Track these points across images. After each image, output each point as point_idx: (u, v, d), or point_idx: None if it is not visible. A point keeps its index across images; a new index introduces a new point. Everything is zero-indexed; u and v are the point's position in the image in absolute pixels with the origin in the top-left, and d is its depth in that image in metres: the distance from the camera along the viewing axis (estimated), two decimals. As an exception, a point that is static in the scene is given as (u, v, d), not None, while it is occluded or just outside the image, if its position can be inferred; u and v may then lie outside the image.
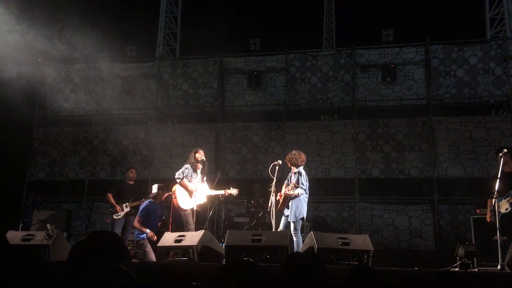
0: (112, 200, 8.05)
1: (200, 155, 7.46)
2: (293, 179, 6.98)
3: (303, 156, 7.11)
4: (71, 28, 9.74)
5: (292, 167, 7.10)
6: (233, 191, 7.63)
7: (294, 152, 7.18)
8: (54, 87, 12.62)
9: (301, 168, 7.04)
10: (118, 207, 8.00)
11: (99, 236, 2.10)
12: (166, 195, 7.95)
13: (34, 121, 12.42)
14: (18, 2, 8.90)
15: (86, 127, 12.30)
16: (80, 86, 12.41)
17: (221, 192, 7.64)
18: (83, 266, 2.01)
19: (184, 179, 7.34)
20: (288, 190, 6.76)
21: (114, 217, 7.95)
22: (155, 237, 7.20)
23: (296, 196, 6.77)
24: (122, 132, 12.01)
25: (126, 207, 8.02)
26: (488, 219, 6.46)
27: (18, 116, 11.13)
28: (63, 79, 12.55)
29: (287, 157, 7.20)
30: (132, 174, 8.57)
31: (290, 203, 6.86)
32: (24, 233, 6.78)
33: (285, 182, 7.16)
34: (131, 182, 8.52)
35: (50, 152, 12.19)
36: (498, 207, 6.15)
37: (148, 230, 7.32)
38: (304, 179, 6.93)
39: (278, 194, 6.98)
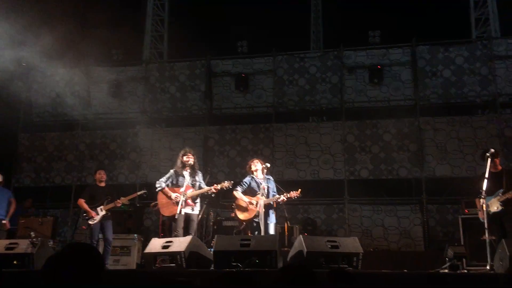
0: (85, 206, 7.64)
1: (187, 158, 7.24)
2: (270, 185, 7.14)
3: None
4: (56, 32, 9.62)
5: (261, 174, 7.15)
6: (225, 184, 7.05)
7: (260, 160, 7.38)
8: (39, 92, 12.44)
9: None
10: (92, 213, 7.59)
11: (76, 248, 2.03)
12: (154, 203, 7.82)
13: (19, 126, 12.24)
14: (4, 5, 8.77)
15: (72, 131, 12.17)
16: (66, 91, 12.23)
17: (206, 189, 7.07)
18: (57, 279, 1.94)
19: (165, 184, 7.10)
20: (291, 194, 6.85)
21: (90, 222, 7.57)
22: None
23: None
24: (109, 137, 11.91)
25: (101, 211, 7.63)
26: (481, 217, 6.43)
27: (2, 121, 10.97)
28: (48, 84, 12.37)
29: (262, 163, 7.24)
30: (101, 175, 8.01)
31: (271, 209, 7.02)
32: (8, 241, 6.65)
33: (262, 188, 6.91)
34: (102, 184, 8.01)
35: (36, 157, 12.03)
36: (487, 206, 6.17)
37: None
38: None
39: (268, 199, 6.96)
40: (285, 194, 6.91)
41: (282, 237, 8.42)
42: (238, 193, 7.15)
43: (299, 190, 6.93)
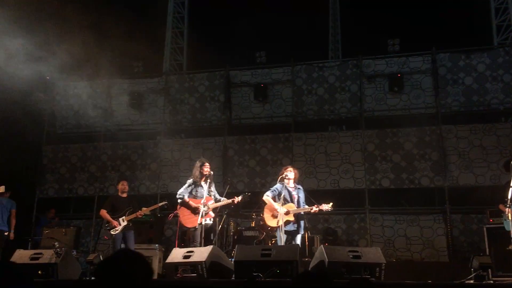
0: (108, 216, 7.70)
1: (207, 169, 7.33)
2: (301, 194, 7.14)
3: None
4: (77, 45, 9.83)
5: (292, 182, 7.19)
6: (244, 196, 7.26)
7: (295, 167, 7.38)
8: (62, 104, 12.73)
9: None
10: (115, 222, 7.65)
11: (128, 255, 2.06)
12: (171, 214, 7.87)
13: (43, 138, 12.51)
14: (25, 20, 9.00)
15: (94, 143, 12.36)
16: (88, 103, 12.47)
17: (228, 201, 7.26)
18: (109, 284, 1.96)
19: (187, 196, 7.21)
20: (322, 207, 6.84)
21: (112, 232, 7.64)
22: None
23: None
24: (130, 148, 12.07)
25: (123, 221, 7.69)
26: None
27: (27, 133, 11.22)
28: (71, 96, 12.65)
29: (296, 171, 7.26)
30: (123, 186, 8.11)
31: (302, 220, 7.04)
32: (33, 251, 6.76)
33: (283, 196, 6.94)
34: (124, 195, 8.09)
35: (59, 169, 12.25)
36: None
37: None
38: None
39: (288, 210, 6.92)
40: (316, 205, 6.88)
41: (302, 247, 8.36)
42: (268, 198, 7.09)
43: (331, 203, 6.87)
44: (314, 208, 6.86)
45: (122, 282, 1.93)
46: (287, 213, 6.88)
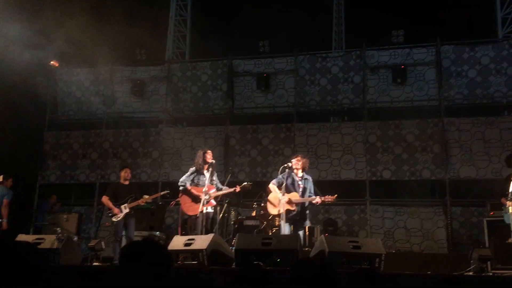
0: (109, 203, 7.70)
1: (210, 156, 7.37)
2: (307, 184, 7.08)
3: None
4: (81, 32, 9.80)
5: (300, 172, 7.14)
6: (245, 185, 7.40)
7: (304, 157, 7.29)
8: (65, 91, 12.72)
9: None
10: (116, 210, 7.64)
11: (150, 244, 2.07)
12: (173, 202, 7.88)
13: (45, 125, 12.52)
14: (27, 6, 8.97)
15: (96, 130, 12.38)
16: (91, 90, 12.49)
17: (229, 189, 7.35)
18: (133, 271, 1.98)
19: (189, 184, 7.26)
20: (326, 198, 6.79)
21: (113, 219, 7.65)
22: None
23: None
24: (132, 135, 12.07)
25: (125, 208, 7.67)
26: None
27: (29, 119, 11.22)
28: (73, 83, 12.63)
29: (304, 161, 7.21)
30: (126, 173, 8.08)
31: (307, 210, 7.02)
32: (35, 236, 6.81)
33: (285, 185, 6.85)
34: (126, 182, 8.06)
35: (61, 155, 12.28)
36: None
37: None
38: None
39: (289, 199, 6.92)
40: (319, 196, 6.86)
41: (302, 237, 8.39)
42: (274, 187, 7.11)
43: (335, 195, 6.85)
44: (317, 199, 6.83)
45: (144, 271, 1.94)
46: (288, 201, 6.88)
